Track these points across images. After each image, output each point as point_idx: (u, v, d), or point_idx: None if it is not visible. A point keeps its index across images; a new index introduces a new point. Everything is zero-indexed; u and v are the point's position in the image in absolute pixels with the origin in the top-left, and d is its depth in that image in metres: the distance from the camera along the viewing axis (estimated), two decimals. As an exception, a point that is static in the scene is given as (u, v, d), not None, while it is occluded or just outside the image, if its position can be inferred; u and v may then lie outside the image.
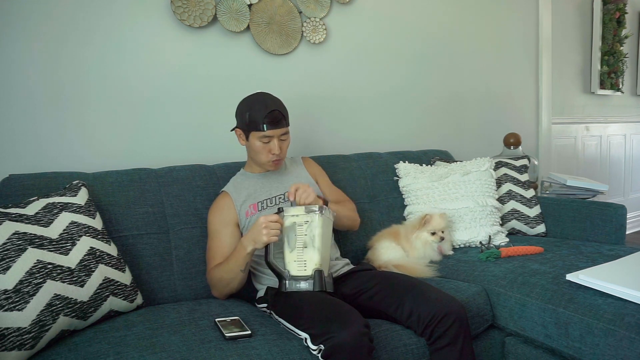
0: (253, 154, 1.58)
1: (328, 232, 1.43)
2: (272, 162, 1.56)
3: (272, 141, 1.52)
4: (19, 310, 1.07)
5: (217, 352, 1.10)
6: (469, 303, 1.49)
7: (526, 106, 3.20)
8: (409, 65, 2.57)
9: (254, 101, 1.53)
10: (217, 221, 1.54)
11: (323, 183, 1.75)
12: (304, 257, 1.35)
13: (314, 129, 2.27)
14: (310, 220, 1.35)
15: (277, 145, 1.52)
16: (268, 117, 1.48)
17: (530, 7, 3.14)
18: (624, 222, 1.91)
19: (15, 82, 1.62)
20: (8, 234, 1.14)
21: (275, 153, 1.53)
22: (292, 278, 1.36)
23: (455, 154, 2.67)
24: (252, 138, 1.53)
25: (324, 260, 1.38)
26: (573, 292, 1.39)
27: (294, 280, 1.35)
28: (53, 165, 1.66)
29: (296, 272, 1.36)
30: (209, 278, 1.50)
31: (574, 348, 1.33)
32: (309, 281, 1.34)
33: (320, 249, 1.35)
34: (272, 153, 1.53)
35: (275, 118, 1.49)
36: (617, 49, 3.91)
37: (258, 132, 1.50)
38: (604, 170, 4.04)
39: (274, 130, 1.50)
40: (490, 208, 1.98)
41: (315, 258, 1.35)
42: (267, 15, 2.06)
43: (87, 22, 1.73)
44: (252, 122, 1.50)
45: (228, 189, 1.61)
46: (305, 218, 1.36)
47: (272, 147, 1.53)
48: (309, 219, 1.35)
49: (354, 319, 1.17)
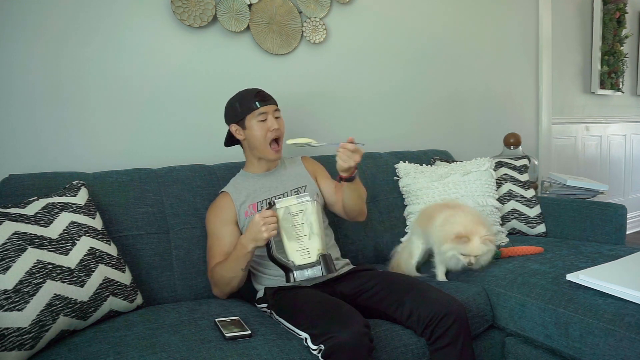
0: (253, 140, 1.59)
1: (321, 217, 1.45)
2: (273, 141, 1.58)
3: (268, 117, 1.57)
4: (19, 310, 1.07)
5: (217, 352, 1.10)
6: (469, 303, 1.49)
7: (526, 106, 3.20)
8: (409, 65, 2.57)
9: (240, 93, 1.63)
10: (217, 220, 1.55)
11: (322, 176, 1.75)
12: (306, 245, 1.35)
13: (314, 129, 2.27)
14: (304, 209, 1.35)
15: (274, 121, 1.58)
16: (258, 96, 1.57)
17: (530, 7, 3.14)
18: (624, 222, 1.91)
19: (15, 82, 1.62)
20: (8, 234, 1.14)
21: (275, 127, 1.57)
22: (298, 268, 1.35)
23: (455, 154, 2.67)
24: (249, 122, 1.57)
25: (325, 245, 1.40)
26: (573, 292, 1.39)
27: (300, 269, 1.35)
28: (53, 165, 1.66)
29: (300, 261, 1.35)
30: (210, 277, 1.50)
31: (574, 348, 1.33)
32: (315, 267, 1.33)
33: (319, 234, 1.36)
34: (270, 130, 1.57)
35: (265, 95, 1.59)
36: (617, 49, 3.90)
37: (252, 112, 1.56)
38: (604, 170, 4.04)
39: (266, 107, 1.57)
40: (491, 208, 1.98)
41: (317, 244, 1.35)
42: (267, 15, 2.06)
43: (87, 22, 1.73)
44: (244, 106, 1.57)
45: (228, 189, 1.61)
46: (299, 207, 1.36)
47: (269, 124, 1.57)
48: (303, 207, 1.35)
49: (354, 318, 1.17)
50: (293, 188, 1.64)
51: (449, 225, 1.60)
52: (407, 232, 2.02)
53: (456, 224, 1.58)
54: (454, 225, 1.59)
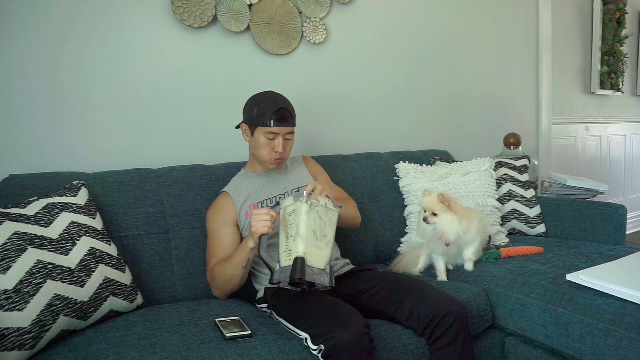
0: (256, 149, 1.57)
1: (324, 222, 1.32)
2: (274, 160, 1.56)
3: (277, 138, 1.52)
4: (19, 310, 1.07)
5: (217, 352, 1.10)
6: (469, 303, 1.49)
7: (526, 106, 3.20)
8: (409, 65, 2.57)
9: (263, 97, 1.54)
10: (217, 221, 1.54)
11: (323, 181, 1.75)
12: (290, 247, 1.28)
13: (314, 129, 2.27)
14: (296, 209, 1.30)
15: (281, 144, 1.52)
16: (276, 114, 1.49)
17: (530, 7, 3.14)
18: (624, 222, 1.91)
19: (14, 82, 1.62)
20: (8, 234, 1.14)
21: (279, 151, 1.53)
22: (281, 269, 1.29)
23: (455, 154, 2.67)
24: (258, 133, 1.53)
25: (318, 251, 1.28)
26: (573, 292, 1.39)
27: (280, 271, 1.27)
28: (53, 165, 1.66)
29: (284, 262, 1.28)
30: (209, 276, 1.50)
31: (574, 348, 1.33)
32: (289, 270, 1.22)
33: (303, 237, 1.25)
34: (275, 151, 1.53)
35: (283, 116, 1.50)
36: (617, 49, 3.91)
37: (264, 127, 1.50)
38: (604, 170, 4.04)
39: (280, 128, 1.50)
40: (490, 208, 1.98)
41: (298, 246, 1.24)
42: (267, 15, 2.06)
43: (86, 22, 1.73)
44: (259, 117, 1.50)
45: (228, 189, 1.61)
46: (293, 207, 1.32)
47: (276, 145, 1.52)
48: (295, 207, 1.30)
49: (354, 319, 1.17)
50: (294, 188, 1.63)
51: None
52: (407, 232, 2.02)
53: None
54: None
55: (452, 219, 1.58)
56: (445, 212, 1.58)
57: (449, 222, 1.58)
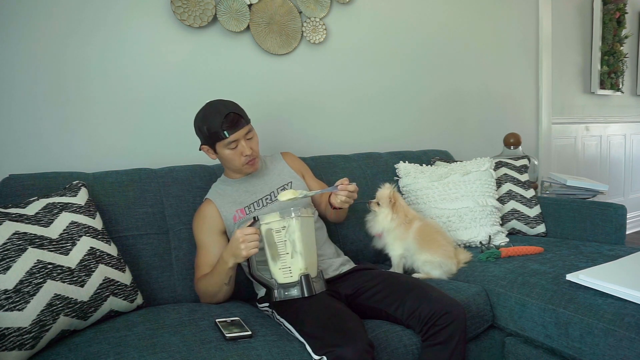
0: (227, 162, 1.55)
1: (309, 232, 1.37)
2: (247, 163, 1.54)
3: (240, 143, 1.50)
4: (19, 310, 1.07)
5: (218, 352, 1.10)
6: (469, 303, 1.49)
7: (526, 106, 3.20)
8: (409, 65, 2.57)
9: (207, 113, 1.49)
10: (201, 230, 1.52)
11: (309, 176, 1.76)
12: (288, 264, 1.31)
13: (314, 129, 2.27)
14: (287, 225, 1.30)
15: (245, 146, 1.50)
16: (226, 123, 1.45)
17: (530, 7, 3.14)
18: (624, 222, 1.91)
19: (15, 82, 1.62)
20: (8, 234, 1.14)
21: (247, 154, 1.51)
22: (281, 286, 1.32)
23: (455, 154, 2.67)
24: (220, 148, 1.50)
25: (310, 263, 1.33)
26: (573, 292, 1.39)
27: (282, 288, 1.32)
28: (53, 164, 1.66)
29: (283, 279, 1.31)
30: (196, 288, 1.49)
31: (574, 348, 1.33)
32: (297, 287, 1.30)
33: (302, 253, 1.30)
34: (244, 155, 1.51)
35: (233, 121, 1.46)
36: (617, 49, 3.91)
37: (222, 141, 1.47)
38: (604, 170, 4.04)
39: (236, 133, 1.47)
40: (490, 208, 1.98)
41: (299, 263, 1.30)
42: (267, 15, 2.06)
43: (87, 22, 1.73)
44: (212, 133, 1.46)
45: (211, 196, 1.59)
46: (282, 224, 1.30)
47: (242, 150, 1.51)
48: (286, 224, 1.30)
49: (359, 335, 1.14)
50: (279, 186, 1.62)
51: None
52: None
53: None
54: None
55: (387, 214, 1.69)
56: (387, 207, 1.70)
57: (383, 216, 1.70)
